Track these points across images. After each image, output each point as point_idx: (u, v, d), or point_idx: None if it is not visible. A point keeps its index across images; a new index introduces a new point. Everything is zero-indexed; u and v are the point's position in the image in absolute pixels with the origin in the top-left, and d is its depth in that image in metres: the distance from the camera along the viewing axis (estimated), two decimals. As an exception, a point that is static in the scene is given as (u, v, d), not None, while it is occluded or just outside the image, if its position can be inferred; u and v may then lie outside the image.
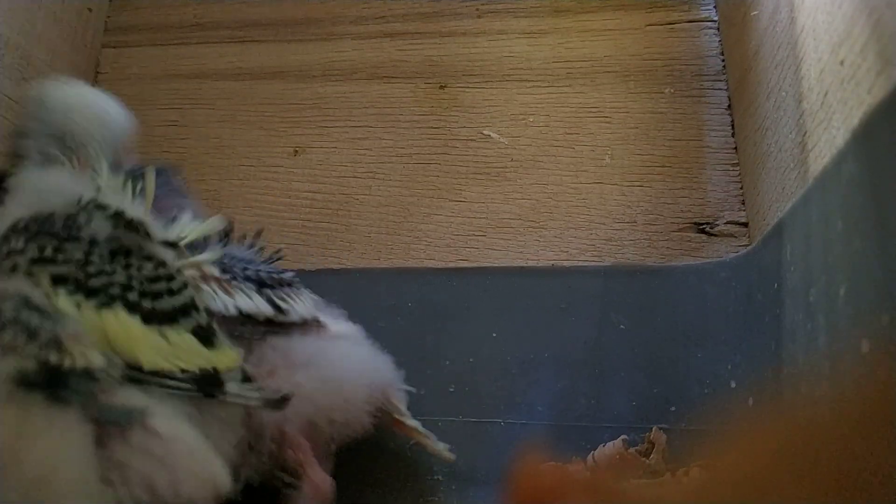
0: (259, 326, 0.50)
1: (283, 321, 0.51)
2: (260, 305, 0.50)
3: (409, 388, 0.55)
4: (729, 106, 0.70)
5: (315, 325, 0.53)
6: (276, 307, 0.51)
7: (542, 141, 0.71)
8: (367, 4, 0.79)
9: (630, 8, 0.75)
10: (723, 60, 0.72)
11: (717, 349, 0.58)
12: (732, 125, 0.69)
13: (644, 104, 0.71)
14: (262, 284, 0.51)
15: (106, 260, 0.45)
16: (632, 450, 0.53)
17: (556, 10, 0.76)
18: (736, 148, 0.68)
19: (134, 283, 0.45)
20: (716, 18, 0.74)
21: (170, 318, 0.45)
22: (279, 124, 0.75)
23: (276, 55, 0.78)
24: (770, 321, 0.52)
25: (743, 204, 0.66)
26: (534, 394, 0.59)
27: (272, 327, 0.51)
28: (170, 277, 0.46)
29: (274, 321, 0.51)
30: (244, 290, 0.50)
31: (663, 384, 0.58)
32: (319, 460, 0.50)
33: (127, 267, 0.45)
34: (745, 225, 0.65)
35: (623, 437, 0.54)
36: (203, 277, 0.49)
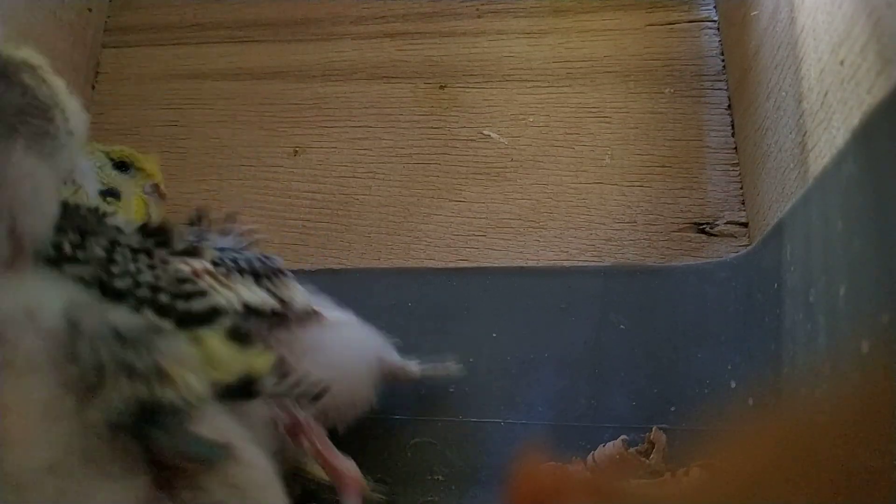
0: (264, 321, 0.47)
1: (285, 313, 0.49)
2: (264, 298, 0.46)
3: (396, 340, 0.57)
4: (729, 106, 0.70)
5: (313, 314, 0.52)
6: (279, 298, 0.48)
7: (542, 141, 0.71)
8: (367, 4, 0.79)
9: (630, 8, 0.75)
10: (723, 60, 0.72)
11: (717, 349, 0.58)
12: (732, 125, 0.69)
13: (644, 104, 0.71)
14: (257, 275, 0.47)
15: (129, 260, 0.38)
16: (632, 450, 0.53)
17: (556, 10, 0.76)
18: (736, 148, 0.68)
19: (161, 284, 0.38)
20: (716, 18, 0.74)
21: (204, 320, 0.38)
22: (279, 124, 0.75)
23: (276, 55, 0.78)
24: (770, 321, 0.52)
25: (743, 204, 0.66)
26: (534, 394, 0.59)
27: (276, 320, 0.48)
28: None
29: (278, 313, 0.48)
30: (243, 282, 0.46)
31: (663, 384, 0.58)
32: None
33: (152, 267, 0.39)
34: (745, 225, 0.65)
35: (623, 437, 0.54)
36: (194, 272, 0.42)
